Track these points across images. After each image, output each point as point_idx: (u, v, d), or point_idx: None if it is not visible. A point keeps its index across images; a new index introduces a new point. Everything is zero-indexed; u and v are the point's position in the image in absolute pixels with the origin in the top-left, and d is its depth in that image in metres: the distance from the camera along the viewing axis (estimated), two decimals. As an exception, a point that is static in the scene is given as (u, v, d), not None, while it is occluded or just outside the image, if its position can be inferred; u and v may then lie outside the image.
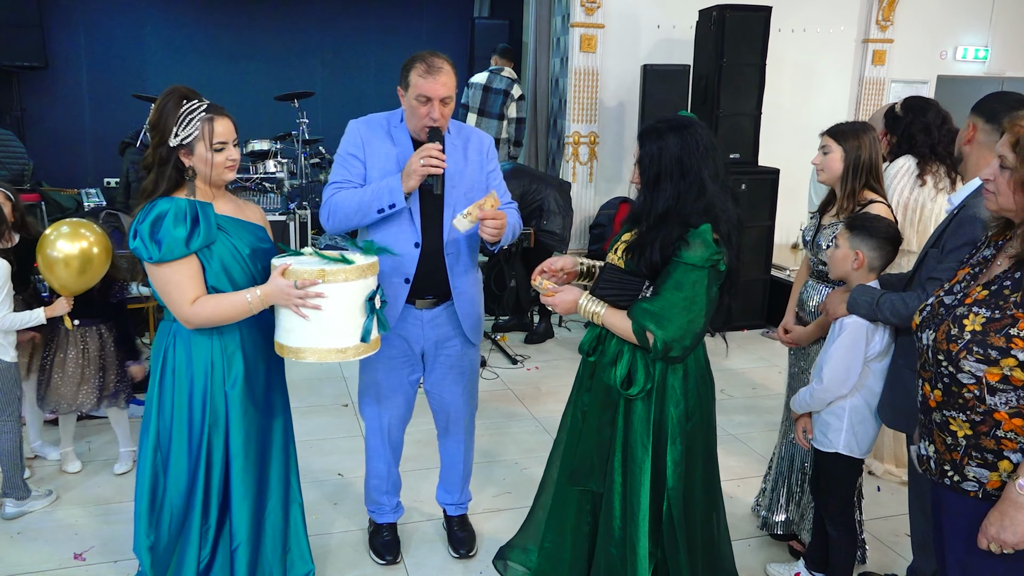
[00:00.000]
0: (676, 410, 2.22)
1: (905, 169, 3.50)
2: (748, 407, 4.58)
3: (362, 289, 2.21)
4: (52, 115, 8.27)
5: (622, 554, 2.26)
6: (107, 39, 8.33)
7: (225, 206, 2.30)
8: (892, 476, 3.68)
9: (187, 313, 2.17)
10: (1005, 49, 7.81)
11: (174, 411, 2.26)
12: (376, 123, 2.70)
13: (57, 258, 3.11)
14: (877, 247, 2.47)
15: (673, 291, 2.10)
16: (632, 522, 2.24)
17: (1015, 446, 1.69)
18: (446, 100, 2.55)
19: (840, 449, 2.52)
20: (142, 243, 2.13)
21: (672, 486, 2.24)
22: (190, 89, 2.22)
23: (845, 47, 7.27)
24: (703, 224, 2.10)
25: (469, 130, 2.78)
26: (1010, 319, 1.66)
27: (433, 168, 2.48)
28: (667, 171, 2.13)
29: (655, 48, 6.66)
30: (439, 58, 2.54)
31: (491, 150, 2.78)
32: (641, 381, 2.20)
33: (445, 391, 2.88)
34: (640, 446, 2.22)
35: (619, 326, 2.20)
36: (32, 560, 2.96)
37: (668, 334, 2.10)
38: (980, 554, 1.75)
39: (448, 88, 2.54)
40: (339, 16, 8.92)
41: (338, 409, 4.39)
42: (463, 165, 2.68)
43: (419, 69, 2.51)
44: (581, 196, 6.63)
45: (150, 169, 2.21)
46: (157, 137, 2.18)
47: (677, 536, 2.26)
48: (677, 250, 2.09)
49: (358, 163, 2.65)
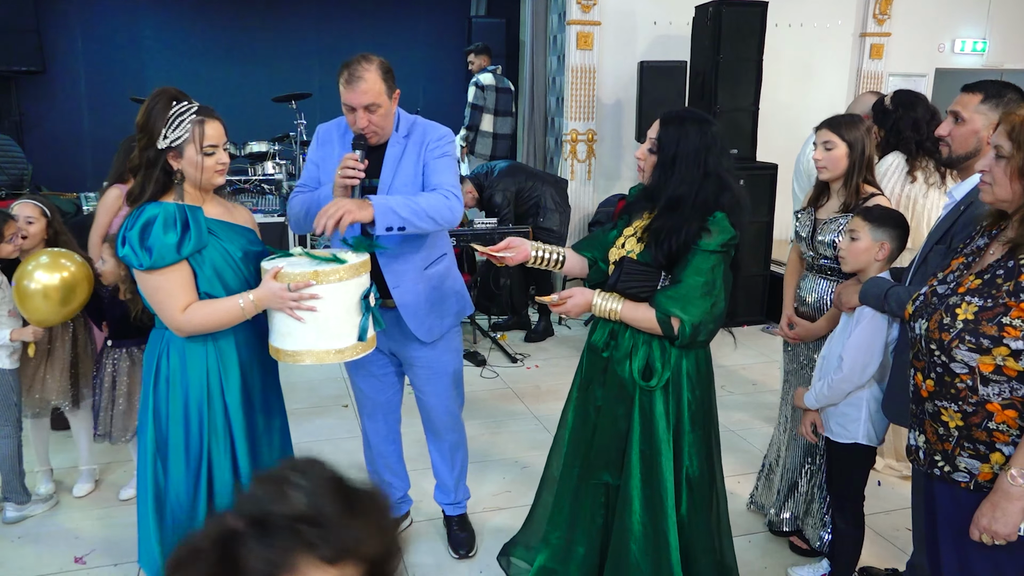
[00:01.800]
0: (692, 397, 2.28)
1: (895, 167, 3.48)
2: (747, 403, 4.57)
3: (356, 287, 2.20)
4: (50, 119, 8.27)
5: (643, 549, 2.27)
6: (104, 42, 8.33)
7: (214, 209, 2.25)
8: (892, 471, 3.68)
9: (179, 321, 2.12)
10: (1003, 41, 7.78)
11: (170, 421, 2.21)
12: (333, 127, 2.72)
13: (36, 290, 2.91)
14: (898, 237, 2.51)
15: (693, 276, 2.16)
16: (660, 517, 2.26)
17: (1007, 439, 1.69)
18: (371, 107, 2.49)
19: (860, 439, 2.53)
20: (132, 250, 2.08)
21: (696, 475, 2.29)
22: (179, 91, 2.16)
23: (842, 41, 7.25)
24: (719, 212, 2.18)
25: (420, 126, 2.68)
26: (1002, 307, 1.66)
27: (347, 179, 2.44)
28: (684, 157, 2.19)
29: (652, 45, 6.65)
30: (362, 65, 2.47)
31: (433, 141, 2.65)
32: (659, 372, 2.24)
33: (422, 390, 2.89)
34: (662, 439, 2.25)
35: (640, 318, 2.23)
36: (33, 564, 2.96)
37: (694, 318, 2.16)
38: (972, 545, 1.75)
39: (370, 95, 2.47)
40: (336, 17, 8.92)
41: (338, 410, 4.40)
42: (397, 162, 2.62)
43: (343, 77, 2.49)
44: (579, 194, 6.62)
45: (136, 172, 2.16)
46: (145, 139, 2.12)
47: (699, 526, 2.30)
48: (699, 237, 2.16)
49: (313, 167, 2.70)
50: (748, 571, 2.91)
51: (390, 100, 2.55)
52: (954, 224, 2.29)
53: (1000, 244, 1.78)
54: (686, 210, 2.17)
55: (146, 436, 2.24)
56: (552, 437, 2.59)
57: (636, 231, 2.32)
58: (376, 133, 2.56)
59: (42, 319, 3.00)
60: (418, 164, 2.63)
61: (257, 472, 1.74)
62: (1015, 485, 1.65)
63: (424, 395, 2.89)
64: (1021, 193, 1.71)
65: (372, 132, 2.54)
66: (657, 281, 2.24)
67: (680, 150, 2.19)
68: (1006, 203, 1.76)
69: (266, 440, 2.38)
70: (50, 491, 3.40)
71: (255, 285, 2.20)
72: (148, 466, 2.25)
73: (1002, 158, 1.73)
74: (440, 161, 2.64)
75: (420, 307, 2.71)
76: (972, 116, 2.34)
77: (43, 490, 3.39)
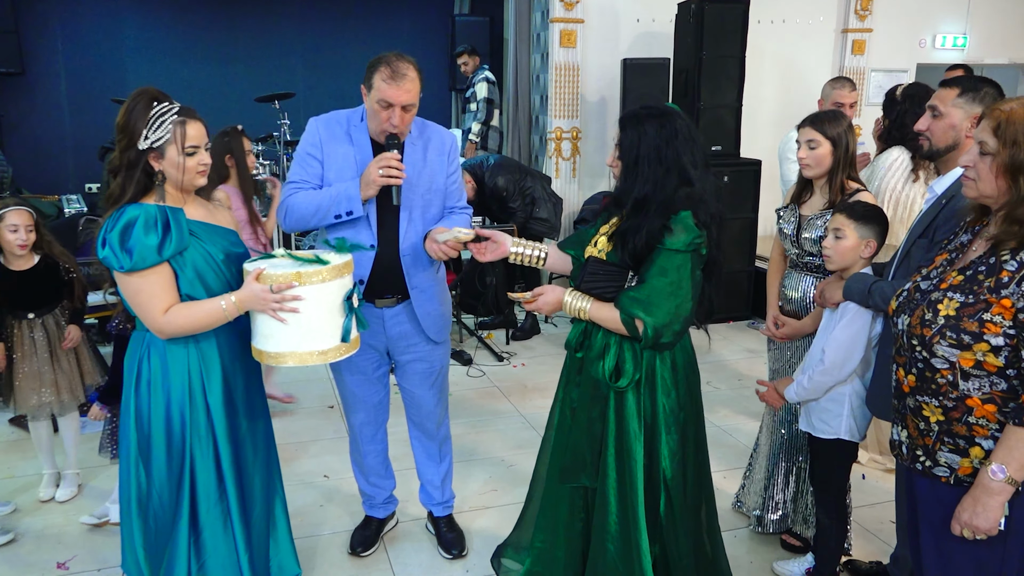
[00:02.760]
0: (668, 400, 2.24)
1: (899, 163, 3.45)
2: (734, 399, 4.59)
3: (339, 288, 2.18)
4: (31, 121, 8.18)
5: (620, 550, 2.25)
6: (85, 43, 8.25)
7: (196, 211, 2.24)
8: (877, 464, 3.70)
9: (160, 323, 2.11)
10: (983, 36, 7.84)
11: (152, 424, 2.19)
12: (335, 122, 2.66)
13: None
14: (882, 234, 2.52)
15: (658, 277, 2.12)
16: (632, 517, 2.23)
17: (986, 432, 1.70)
18: (408, 107, 2.50)
19: (842, 435, 2.54)
20: (112, 252, 2.06)
21: (671, 477, 2.25)
22: (160, 91, 2.14)
23: (824, 37, 7.28)
24: (683, 211, 2.12)
25: (432, 130, 2.74)
26: (984, 304, 1.67)
27: (392, 179, 2.45)
28: (646, 157, 2.14)
29: (635, 42, 6.66)
30: (405, 63, 2.49)
31: (452, 150, 2.73)
32: (630, 372, 2.20)
33: (415, 388, 2.88)
34: (634, 438, 2.22)
35: (607, 318, 2.20)
36: (14, 570, 2.93)
37: (657, 320, 2.11)
38: (953, 539, 1.76)
39: (412, 95, 2.49)
40: (319, 16, 8.87)
41: (323, 411, 4.38)
42: (421, 167, 2.64)
43: (383, 73, 2.46)
44: (565, 191, 6.62)
45: (116, 173, 2.13)
46: (125, 140, 2.10)
47: (678, 528, 2.27)
48: (661, 237, 2.11)
49: (316, 163, 2.63)
50: (734, 566, 2.90)
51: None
52: (936, 218, 2.30)
53: (983, 240, 1.78)
54: (650, 209, 2.13)
55: (128, 439, 2.22)
56: (538, 436, 2.59)
57: (610, 230, 2.29)
58: (403, 132, 2.57)
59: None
60: (441, 173, 2.69)
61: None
62: (995, 480, 1.66)
63: (419, 393, 2.89)
64: (1006, 189, 1.70)
65: (402, 131, 2.55)
66: (623, 281, 2.21)
67: (641, 152, 2.15)
68: (990, 199, 1.76)
69: (250, 442, 2.36)
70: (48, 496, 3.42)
71: (237, 287, 2.19)
72: (131, 470, 2.23)
73: (987, 154, 1.72)
74: (459, 180, 2.79)
75: (435, 306, 2.76)
76: (950, 110, 2.36)
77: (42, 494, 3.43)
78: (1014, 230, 1.68)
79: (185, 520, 2.24)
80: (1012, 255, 1.68)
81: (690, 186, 2.15)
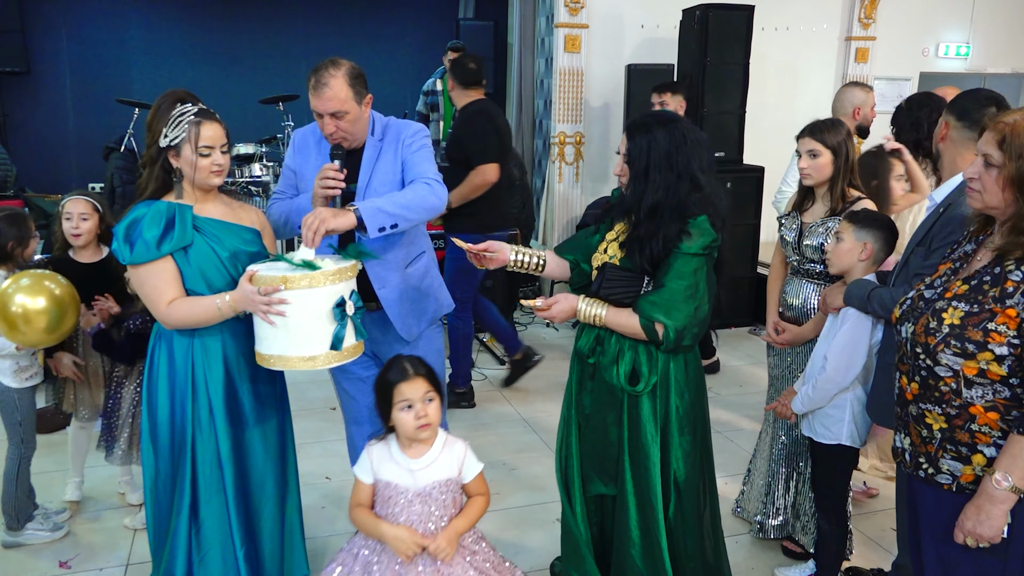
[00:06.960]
0: (681, 402, 2.27)
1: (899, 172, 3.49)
2: (734, 404, 4.59)
3: (328, 296, 2.15)
4: (35, 120, 8.21)
5: (644, 555, 2.27)
6: (90, 43, 8.27)
7: (215, 209, 2.30)
8: (878, 471, 3.70)
9: (163, 314, 2.20)
10: (986, 46, 7.86)
11: (158, 411, 2.28)
12: (309, 132, 2.70)
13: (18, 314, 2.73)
14: (882, 239, 2.53)
15: (676, 280, 2.14)
16: (652, 519, 2.25)
17: (989, 440, 1.71)
18: (338, 114, 2.46)
19: (844, 440, 2.56)
20: (118, 244, 2.18)
21: (684, 479, 2.27)
22: (188, 93, 2.25)
23: (828, 45, 7.30)
24: (700, 215, 2.16)
25: (393, 127, 2.67)
26: (988, 313, 1.68)
27: (329, 191, 2.43)
28: (656, 164, 2.17)
29: (639, 48, 6.67)
30: (328, 71, 2.45)
31: (408, 137, 2.63)
32: (646, 376, 2.22)
33: None
34: (651, 440, 2.24)
35: (624, 323, 2.21)
36: (17, 568, 2.94)
37: (678, 323, 2.14)
38: (954, 547, 1.77)
39: (335, 103, 2.44)
40: (324, 18, 8.89)
41: (326, 412, 4.38)
42: (377, 168, 2.60)
43: (310, 83, 2.46)
44: (567, 196, 6.64)
45: (145, 167, 2.26)
46: (150, 137, 2.22)
47: (687, 531, 2.29)
48: (678, 241, 2.14)
49: (291, 174, 2.70)
50: (736, 572, 2.92)
51: (360, 105, 2.52)
52: (933, 226, 2.32)
53: (987, 250, 1.79)
54: (664, 214, 2.16)
55: (143, 426, 2.34)
56: (540, 439, 2.60)
57: (619, 236, 2.31)
58: (346, 139, 2.54)
59: (34, 343, 2.85)
60: (395, 163, 2.61)
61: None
62: (999, 488, 1.67)
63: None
64: (1012, 201, 1.71)
65: (341, 138, 2.52)
66: (640, 286, 2.23)
67: (652, 159, 2.17)
68: (996, 210, 1.76)
69: (259, 440, 2.39)
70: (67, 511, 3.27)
71: None
72: (149, 454, 2.33)
73: (992, 167, 1.72)
74: (418, 154, 2.63)
75: (401, 304, 2.70)
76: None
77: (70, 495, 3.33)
78: (1020, 241, 1.69)
79: (186, 511, 2.29)
80: (1017, 265, 1.69)
81: (700, 190, 2.18)
